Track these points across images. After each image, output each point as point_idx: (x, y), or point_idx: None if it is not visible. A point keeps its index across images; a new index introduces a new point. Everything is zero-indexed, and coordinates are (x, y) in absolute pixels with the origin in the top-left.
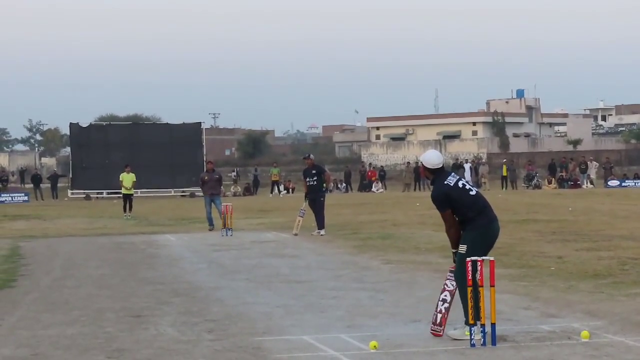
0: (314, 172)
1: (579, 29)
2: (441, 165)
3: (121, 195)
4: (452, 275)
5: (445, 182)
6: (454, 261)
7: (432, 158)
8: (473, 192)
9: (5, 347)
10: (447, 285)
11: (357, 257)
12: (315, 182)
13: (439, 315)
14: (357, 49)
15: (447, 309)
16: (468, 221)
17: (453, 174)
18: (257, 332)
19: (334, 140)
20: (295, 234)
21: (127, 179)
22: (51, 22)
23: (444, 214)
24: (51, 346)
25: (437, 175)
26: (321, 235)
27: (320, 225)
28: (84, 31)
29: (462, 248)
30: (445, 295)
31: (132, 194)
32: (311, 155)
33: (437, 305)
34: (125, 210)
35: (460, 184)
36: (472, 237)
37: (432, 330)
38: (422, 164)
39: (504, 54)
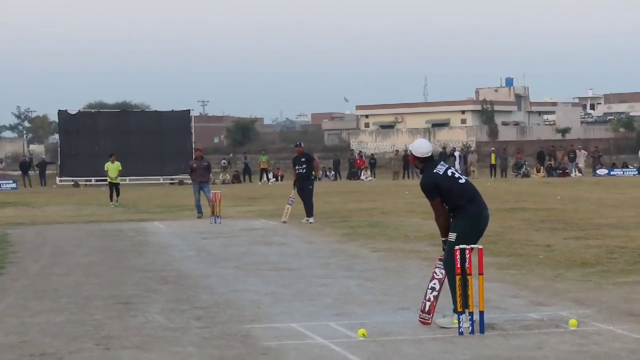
0: (303, 160)
1: (569, 18)
2: (430, 154)
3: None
4: (442, 263)
5: (435, 171)
6: (444, 249)
7: (421, 147)
8: (462, 181)
9: None
10: (436, 273)
11: (345, 245)
12: (304, 170)
13: (428, 304)
14: (346, 37)
15: (436, 297)
16: (458, 209)
17: (442, 162)
18: (245, 320)
19: (323, 128)
20: (284, 222)
21: (112, 168)
22: (40, 8)
23: (433, 202)
24: (40, 333)
25: (426, 164)
26: (310, 223)
27: (309, 213)
28: (72, 18)
29: (452, 236)
30: (434, 284)
31: (118, 183)
32: (301, 144)
33: (426, 294)
34: (111, 199)
35: (449, 173)
36: (462, 225)
37: (420, 318)
38: (412, 153)
39: (493, 42)
